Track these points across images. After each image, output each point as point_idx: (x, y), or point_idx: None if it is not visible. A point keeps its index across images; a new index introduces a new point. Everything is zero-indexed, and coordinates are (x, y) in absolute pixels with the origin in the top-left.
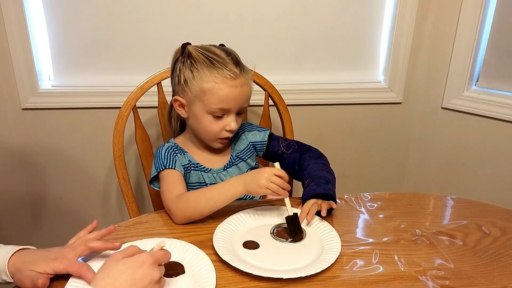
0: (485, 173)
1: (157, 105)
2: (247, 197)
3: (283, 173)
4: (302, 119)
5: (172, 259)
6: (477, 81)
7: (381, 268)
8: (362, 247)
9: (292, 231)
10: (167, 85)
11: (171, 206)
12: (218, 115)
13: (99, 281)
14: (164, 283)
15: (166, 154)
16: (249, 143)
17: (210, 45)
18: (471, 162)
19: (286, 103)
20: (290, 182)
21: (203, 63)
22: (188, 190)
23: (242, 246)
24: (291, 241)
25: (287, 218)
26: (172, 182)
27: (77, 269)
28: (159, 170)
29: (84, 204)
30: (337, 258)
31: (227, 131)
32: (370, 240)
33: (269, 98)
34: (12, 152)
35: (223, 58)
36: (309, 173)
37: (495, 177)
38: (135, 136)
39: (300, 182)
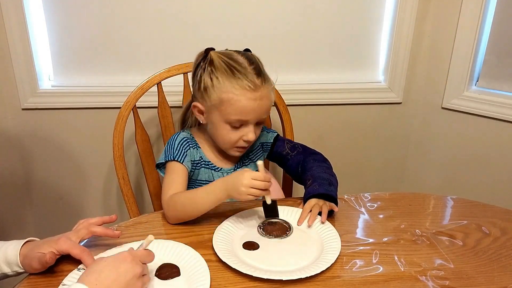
0: (485, 173)
1: (157, 105)
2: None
3: (262, 176)
4: (302, 119)
5: (168, 261)
6: (477, 81)
7: (381, 268)
8: (362, 247)
9: (267, 215)
10: (167, 85)
11: (164, 206)
12: (236, 126)
13: (84, 277)
14: (148, 282)
15: (179, 145)
16: (259, 144)
17: (234, 51)
18: (471, 162)
19: (286, 103)
20: (289, 185)
21: (224, 72)
22: (195, 188)
23: (242, 247)
24: (276, 237)
25: (264, 203)
26: (174, 178)
27: (79, 252)
28: (167, 160)
29: (84, 204)
30: (337, 258)
31: (244, 141)
32: (370, 240)
33: None
34: (12, 152)
35: (245, 67)
36: (312, 174)
37: (495, 177)
38: (135, 136)
39: (302, 185)
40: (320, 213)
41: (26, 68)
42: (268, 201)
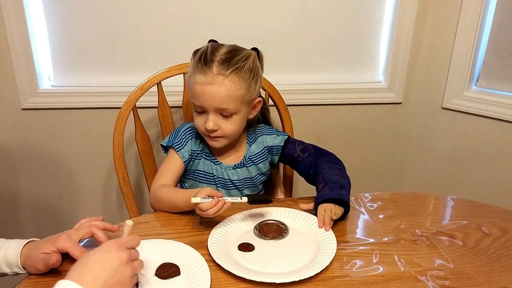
0: (485, 173)
1: (157, 105)
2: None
3: (203, 205)
4: (302, 119)
5: (168, 261)
6: (477, 81)
7: (381, 268)
8: (362, 247)
9: (262, 202)
10: (167, 85)
11: (150, 193)
12: (198, 110)
13: (70, 273)
14: (141, 267)
15: (182, 133)
16: (264, 147)
17: (233, 44)
18: (471, 162)
19: (286, 103)
20: (289, 185)
21: (197, 60)
22: (193, 178)
23: (237, 248)
24: (272, 238)
25: (249, 202)
26: (167, 169)
27: (78, 253)
28: (168, 145)
29: (84, 204)
30: (335, 259)
31: (205, 128)
32: (370, 240)
33: (269, 98)
34: (12, 152)
35: (215, 54)
36: (324, 177)
37: (495, 177)
38: (135, 136)
39: (302, 187)
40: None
41: (26, 68)
42: (244, 200)
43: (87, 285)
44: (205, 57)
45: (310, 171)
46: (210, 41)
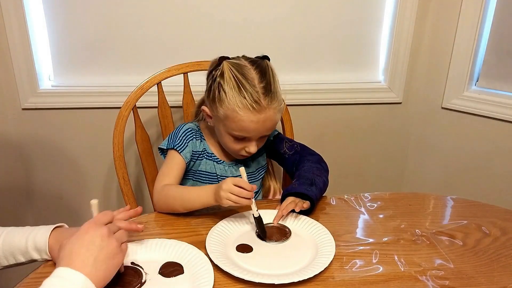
0: (485, 173)
1: (157, 105)
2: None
3: (242, 182)
4: (302, 119)
5: (171, 260)
6: (477, 81)
7: (381, 268)
8: (362, 247)
9: (259, 230)
10: (167, 85)
11: (155, 193)
12: (238, 138)
13: (60, 262)
14: (126, 235)
15: (182, 135)
16: None
17: (249, 61)
18: (471, 162)
19: (286, 103)
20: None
21: (231, 88)
22: (195, 179)
23: (235, 249)
24: (276, 241)
25: (255, 219)
26: (170, 169)
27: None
28: (168, 147)
29: (84, 204)
30: (334, 259)
31: (246, 151)
32: (370, 240)
33: None
34: (12, 152)
35: (254, 85)
36: (299, 173)
37: (495, 177)
38: (135, 136)
39: None
40: (305, 213)
41: (26, 68)
42: (254, 209)
43: (78, 268)
44: (244, 88)
45: (293, 169)
46: (220, 58)
